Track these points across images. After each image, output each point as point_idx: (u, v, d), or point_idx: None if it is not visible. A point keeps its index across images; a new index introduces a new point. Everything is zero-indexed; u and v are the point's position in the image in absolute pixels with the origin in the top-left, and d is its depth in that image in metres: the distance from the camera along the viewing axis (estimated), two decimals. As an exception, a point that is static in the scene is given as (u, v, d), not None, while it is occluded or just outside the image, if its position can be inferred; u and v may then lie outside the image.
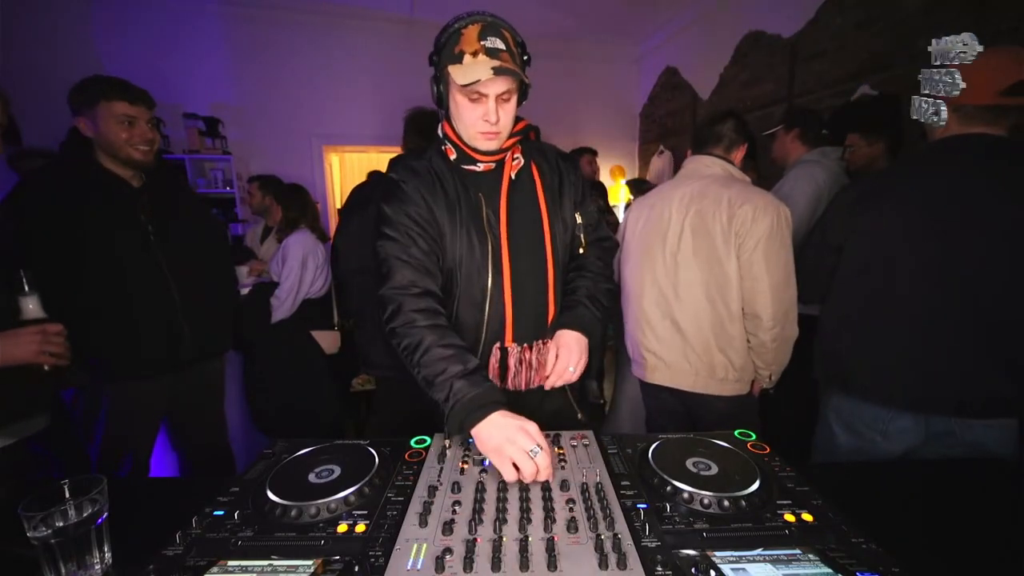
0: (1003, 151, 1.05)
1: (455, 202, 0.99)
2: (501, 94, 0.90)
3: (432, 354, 0.86)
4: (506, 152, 1.01)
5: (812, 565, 0.55)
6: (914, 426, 1.13)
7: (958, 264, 1.05)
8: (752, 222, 1.34)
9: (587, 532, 0.62)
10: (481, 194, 1.00)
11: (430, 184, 0.99)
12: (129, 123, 1.32)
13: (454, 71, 0.87)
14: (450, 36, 0.90)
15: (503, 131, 0.95)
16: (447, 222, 0.98)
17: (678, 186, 1.50)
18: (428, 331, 0.89)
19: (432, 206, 0.98)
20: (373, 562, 0.57)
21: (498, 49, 0.87)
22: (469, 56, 0.86)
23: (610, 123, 5.06)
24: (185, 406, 1.59)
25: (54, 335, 1.09)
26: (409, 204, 0.97)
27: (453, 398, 0.82)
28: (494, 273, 0.99)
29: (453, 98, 0.93)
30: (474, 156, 0.98)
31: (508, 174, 1.02)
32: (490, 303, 0.99)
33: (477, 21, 0.89)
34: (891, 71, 2.36)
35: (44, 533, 0.58)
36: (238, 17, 3.85)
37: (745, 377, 1.46)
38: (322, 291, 2.29)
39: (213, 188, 3.82)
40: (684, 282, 1.45)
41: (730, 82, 3.65)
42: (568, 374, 0.98)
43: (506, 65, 0.85)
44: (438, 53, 0.93)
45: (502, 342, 1.01)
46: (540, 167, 1.06)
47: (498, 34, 0.88)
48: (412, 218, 0.97)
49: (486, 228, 0.99)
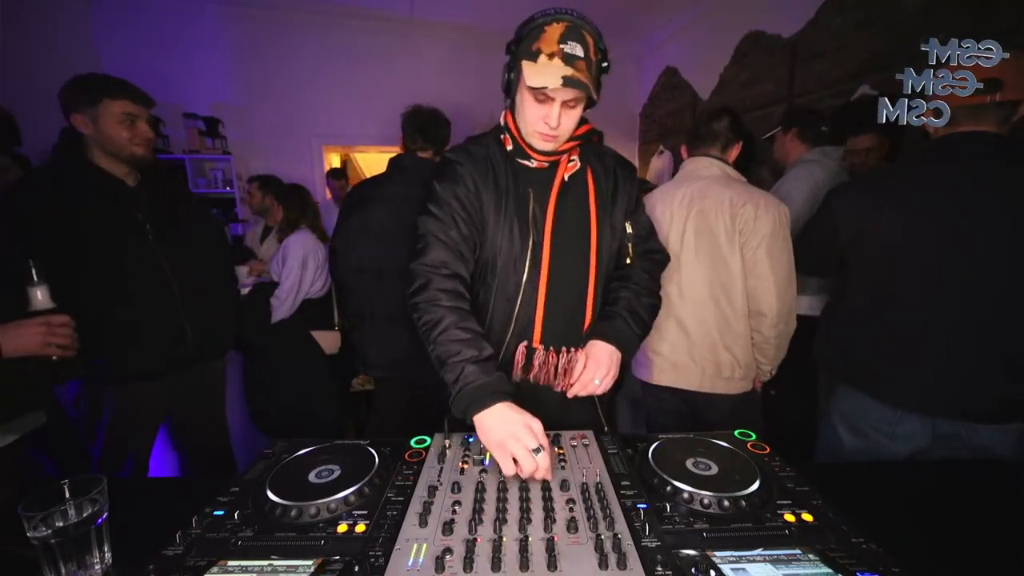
0: (1002, 149, 1.04)
1: (503, 192, 0.99)
2: (568, 100, 0.89)
3: (449, 334, 0.86)
4: (562, 154, 1.00)
5: (812, 565, 0.55)
6: (921, 429, 1.12)
7: (959, 264, 1.05)
8: (755, 220, 1.35)
9: (587, 532, 0.62)
10: (531, 189, 0.99)
11: (484, 170, 0.99)
12: (131, 121, 1.32)
13: (527, 68, 0.86)
14: (532, 30, 0.88)
15: (562, 135, 0.94)
16: (492, 211, 0.98)
17: (678, 187, 1.50)
18: (449, 311, 0.89)
19: (481, 192, 0.98)
20: (373, 562, 0.57)
21: (575, 56, 0.85)
22: (545, 57, 0.85)
23: (610, 123, 5.05)
24: (186, 406, 1.59)
25: (59, 326, 1.09)
26: (459, 185, 0.97)
27: (462, 381, 0.81)
28: (530, 269, 0.98)
29: (520, 91, 0.92)
30: (529, 152, 0.98)
31: (562, 174, 1.01)
32: (522, 299, 0.98)
33: (563, 20, 0.87)
34: (891, 71, 2.35)
35: (44, 533, 0.58)
36: (238, 17, 3.85)
37: (750, 375, 1.47)
38: (322, 291, 2.29)
39: (213, 188, 3.82)
40: (688, 282, 1.45)
41: (730, 82, 3.65)
42: (593, 386, 0.95)
43: (578, 76, 0.84)
44: (517, 43, 0.91)
45: (529, 341, 1.00)
46: (596, 172, 1.05)
47: (579, 39, 0.86)
48: (459, 200, 0.97)
49: (530, 224, 0.98)
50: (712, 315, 1.44)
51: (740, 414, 1.47)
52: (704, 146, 1.51)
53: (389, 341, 1.74)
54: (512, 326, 1.00)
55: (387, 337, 1.74)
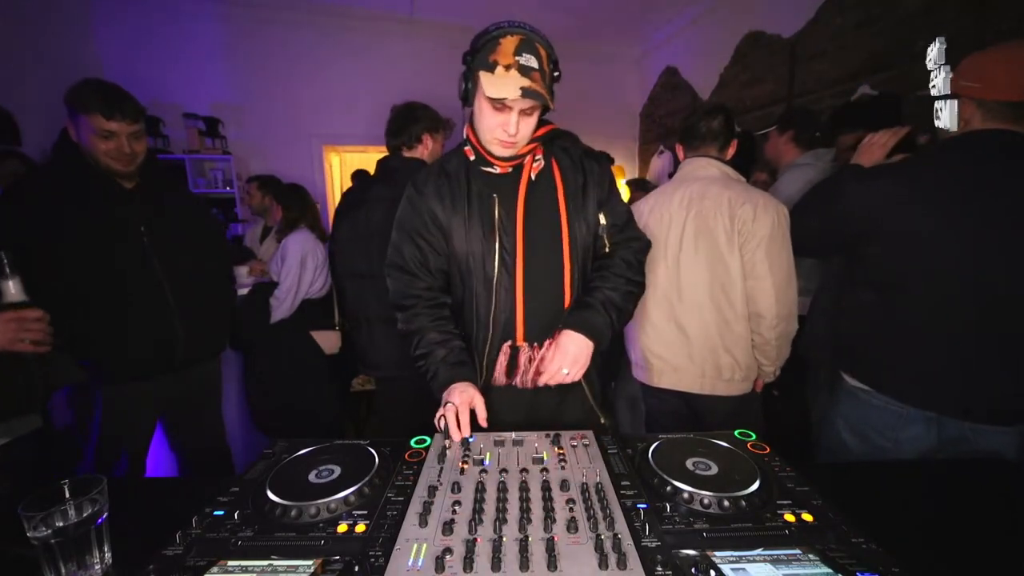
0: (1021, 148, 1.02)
1: (465, 202, 1.02)
2: (525, 109, 0.92)
3: (423, 347, 1.02)
4: (523, 158, 1.02)
5: (812, 565, 0.55)
6: (925, 432, 1.11)
7: (976, 262, 1.03)
8: (753, 221, 1.34)
9: (587, 532, 0.62)
10: (496, 195, 1.02)
11: (438, 187, 1.04)
12: (107, 137, 1.28)
13: (485, 79, 0.90)
14: (487, 42, 0.91)
15: (520, 141, 0.97)
16: (454, 221, 1.02)
17: (676, 188, 1.49)
18: (425, 327, 1.02)
19: (437, 210, 1.03)
20: (373, 562, 0.57)
21: (531, 68, 0.88)
22: (502, 68, 0.88)
23: (610, 123, 5.06)
24: (181, 407, 1.59)
25: (33, 320, 1.06)
26: (416, 212, 1.04)
27: (432, 381, 1.01)
28: (500, 272, 1.01)
29: (478, 101, 0.95)
30: (490, 159, 1.01)
31: (527, 175, 1.03)
32: (496, 302, 1.02)
33: (516, 33, 0.90)
34: (891, 71, 2.36)
35: (44, 533, 0.58)
36: (238, 17, 3.85)
37: (751, 375, 1.47)
38: (322, 291, 2.29)
39: (213, 188, 3.82)
40: (687, 284, 1.45)
41: (730, 82, 3.65)
42: (561, 375, 0.98)
43: (535, 87, 0.87)
44: (472, 54, 0.94)
45: (513, 340, 1.03)
46: (563, 167, 1.06)
47: (534, 51, 0.89)
48: (417, 226, 1.04)
49: (496, 227, 1.01)
50: (712, 317, 1.43)
51: (740, 415, 1.47)
52: (702, 146, 1.50)
53: (386, 342, 1.75)
54: (492, 329, 1.03)
55: (384, 339, 1.74)
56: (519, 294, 1.01)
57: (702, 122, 1.49)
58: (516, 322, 1.01)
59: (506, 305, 1.02)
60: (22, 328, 1.05)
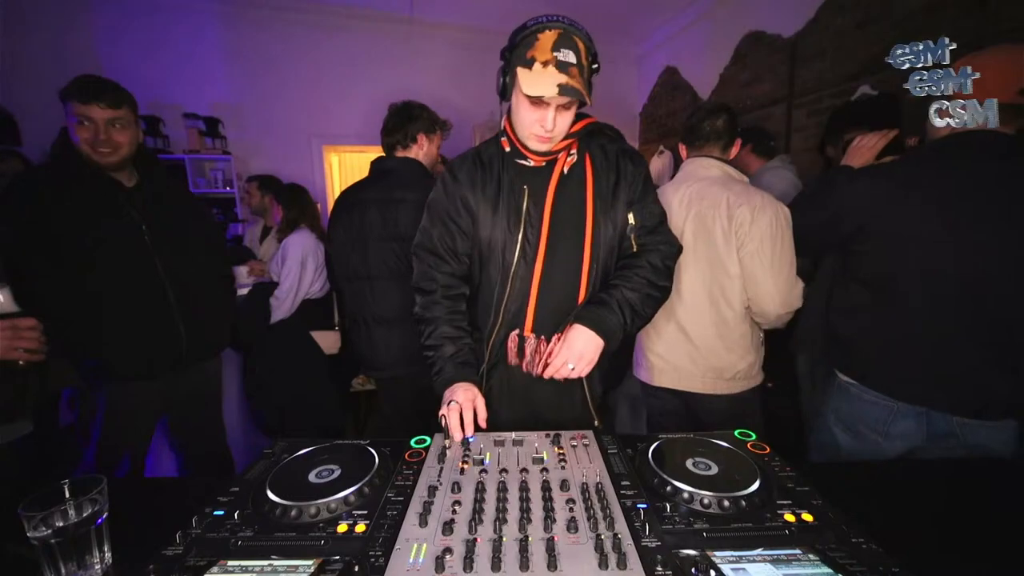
0: (1014, 150, 1.03)
1: (496, 189, 1.03)
2: (562, 104, 0.92)
3: (434, 339, 1.04)
4: (558, 153, 1.02)
5: (812, 565, 0.55)
6: (915, 427, 1.13)
7: (966, 262, 1.04)
8: (751, 223, 1.34)
9: (587, 532, 0.62)
10: (527, 186, 1.02)
11: (472, 173, 1.05)
12: (84, 123, 1.25)
13: (522, 75, 0.89)
14: (525, 37, 0.90)
15: (557, 137, 0.97)
16: (483, 209, 1.03)
17: (677, 188, 1.49)
18: (438, 318, 1.04)
19: (469, 196, 1.04)
20: (373, 562, 0.57)
21: (568, 63, 0.87)
22: (539, 65, 0.87)
23: (610, 123, 5.06)
24: (182, 406, 1.59)
25: (26, 329, 1.06)
26: (448, 198, 1.05)
27: (437, 375, 1.02)
28: (519, 262, 1.01)
29: (516, 96, 0.95)
30: (525, 152, 1.01)
31: (560, 169, 1.03)
32: (510, 291, 1.02)
33: (555, 28, 0.89)
34: (891, 71, 2.35)
35: (44, 533, 0.58)
36: (238, 17, 3.85)
37: (750, 375, 1.47)
38: (322, 291, 2.29)
39: (213, 188, 3.82)
40: (687, 284, 1.45)
41: (730, 82, 3.65)
42: (566, 370, 0.97)
43: (572, 83, 0.87)
44: (511, 50, 0.94)
45: (521, 330, 1.03)
46: (596, 164, 1.06)
47: (572, 45, 0.88)
48: (447, 212, 1.05)
49: (523, 219, 1.01)
50: (711, 317, 1.44)
51: (740, 415, 1.47)
52: (705, 146, 1.49)
53: (385, 344, 1.74)
54: (500, 316, 1.04)
55: (383, 340, 1.74)
56: (534, 286, 1.01)
57: (705, 122, 1.48)
58: (527, 313, 1.02)
59: (519, 295, 1.02)
60: (16, 337, 1.04)
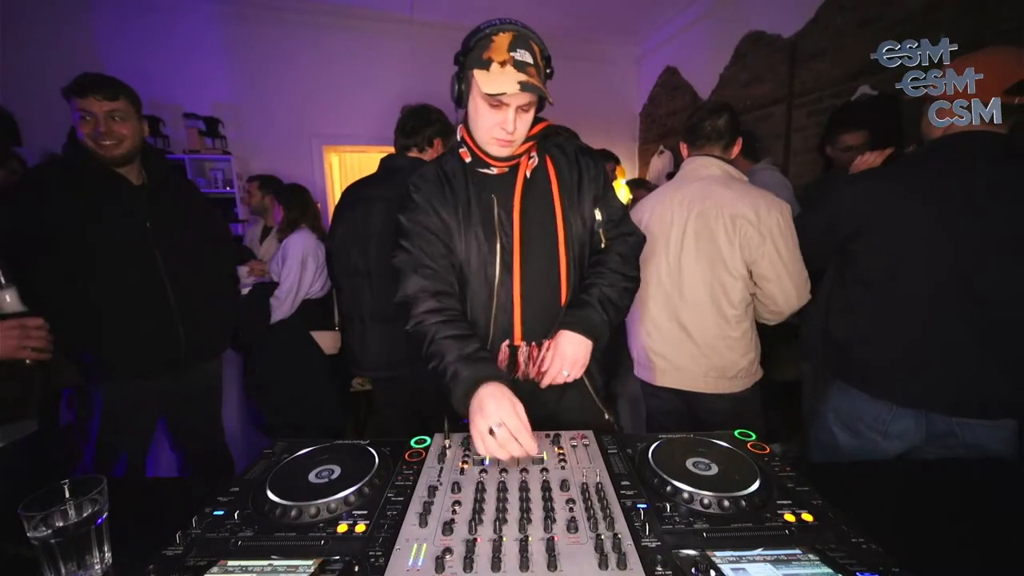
0: (1009, 149, 1.04)
1: (465, 203, 1.01)
2: (522, 105, 0.91)
3: (435, 345, 0.91)
4: (519, 157, 1.02)
5: (812, 565, 0.55)
6: (915, 426, 1.13)
7: (964, 261, 1.05)
8: (759, 223, 1.34)
9: (587, 532, 0.62)
10: (494, 195, 1.01)
11: (439, 189, 1.03)
12: (85, 117, 1.28)
13: (480, 77, 0.89)
14: (480, 40, 0.90)
15: (518, 139, 0.96)
16: (455, 223, 1.01)
17: (678, 188, 1.50)
18: (434, 325, 0.94)
19: (439, 210, 1.01)
20: (373, 562, 0.57)
21: (526, 63, 0.88)
22: (497, 65, 0.87)
23: (610, 123, 5.06)
24: (181, 406, 1.59)
25: (34, 329, 1.07)
26: (419, 212, 1.02)
27: (451, 381, 0.86)
28: (502, 272, 1.00)
29: (473, 101, 0.94)
30: (487, 160, 1.00)
31: (523, 174, 1.02)
32: (497, 301, 1.01)
33: (509, 30, 0.89)
34: (891, 71, 2.35)
35: (44, 533, 0.58)
36: (238, 17, 3.85)
37: (752, 371, 1.47)
38: (322, 291, 2.29)
39: (213, 188, 3.82)
40: (688, 284, 1.45)
41: (730, 82, 3.65)
42: (562, 376, 0.97)
43: (532, 81, 0.87)
44: (465, 54, 0.93)
45: (511, 340, 1.02)
46: (558, 164, 1.06)
47: (527, 47, 0.89)
48: (422, 225, 1.01)
49: (496, 228, 1.00)
50: (712, 316, 1.44)
51: (740, 414, 1.47)
52: (707, 145, 1.49)
53: (379, 342, 1.74)
54: (492, 328, 1.02)
55: (377, 339, 1.74)
56: (516, 293, 1.00)
57: (707, 121, 1.47)
58: (514, 321, 1.01)
59: (506, 305, 1.01)
60: (25, 336, 1.05)
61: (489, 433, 0.75)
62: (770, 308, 1.42)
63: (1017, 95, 1.00)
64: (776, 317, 1.45)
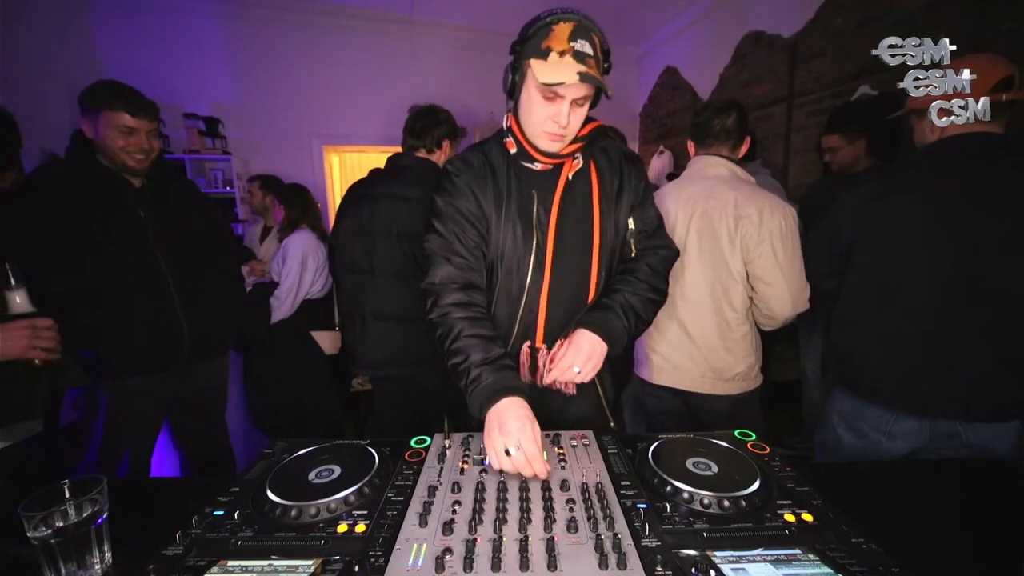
0: (1009, 150, 1.04)
1: (506, 196, 0.99)
2: (577, 99, 0.89)
3: (460, 342, 0.88)
4: (566, 157, 0.99)
5: (812, 565, 0.55)
6: (919, 427, 1.12)
7: (968, 264, 1.04)
8: (760, 225, 1.33)
9: (587, 532, 0.62)
10: (535, 191, 0.99)
11: (481, 177, 1.00)
12: (128, 133, 1.34)
13: (537, 66, 0.86)
14: (539, 29, 0.87)
15: (570, 135, 0.94)
16: (494, 215, 0.98)
17: (684, 186, 1.49)
18: (459, 321, 0.91)
19: (480, 199, 0.98)
20: (373, 562, 0.57)
21: (586, 54, 0.85)
22: (556, 55, 0.85)
23: (610, 123, 5.05)
24: (186, 405, 1.59)
25: (44, 329, 1.07)
26: (458, 197, 0.98)
27: (472, 384, 0.84)
28: (534, 271, 0.98)
29: (527, 91, 0.91)
30: (534, 155, 0.97)
31: (566, 175, 1.00)
32: (525, 301, 0.99)
33: (570, 20, 0.87)
34: (891, 71, 2.35)
35: (44, 533, 0.58)
36: (238, 17, 3.85)
37: (750, 375, 1.47)
38: (323, 291, 2.29)
39: (213, 188, 3.82)
40: (690, 283, 1.45)
41: (730, 82, 3.64)
42: (571, 373, 0.93)
43: (591, 72, 0.84)
44: (522, 43, 0.90)
45: (533, 341, 1.00)
46: (600, 169, 1.04)
47: (588, 38, 0.86)
48: (460, 211, 0.98)
49: (534, 226, 0.98)
50: (712, 317, 1.43)
51: (739, 415, 1.47)
52: (714, 144, 1.48)
53: (379, 340, 1.73)
54: (516, 327, 1.00)
55: (377, 336, 1.73)
56: (545, 293, 0.98)
57: (715, 120, 1.46)
58: (538, 323, 0.99)
59: (533, 305, 0.99)
60: (35, 336, 1.06)
61: (505, 453, 0.74)
62: (764, 312, 1.41)
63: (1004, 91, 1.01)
64: (771, 322, 1.43)
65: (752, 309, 1.45)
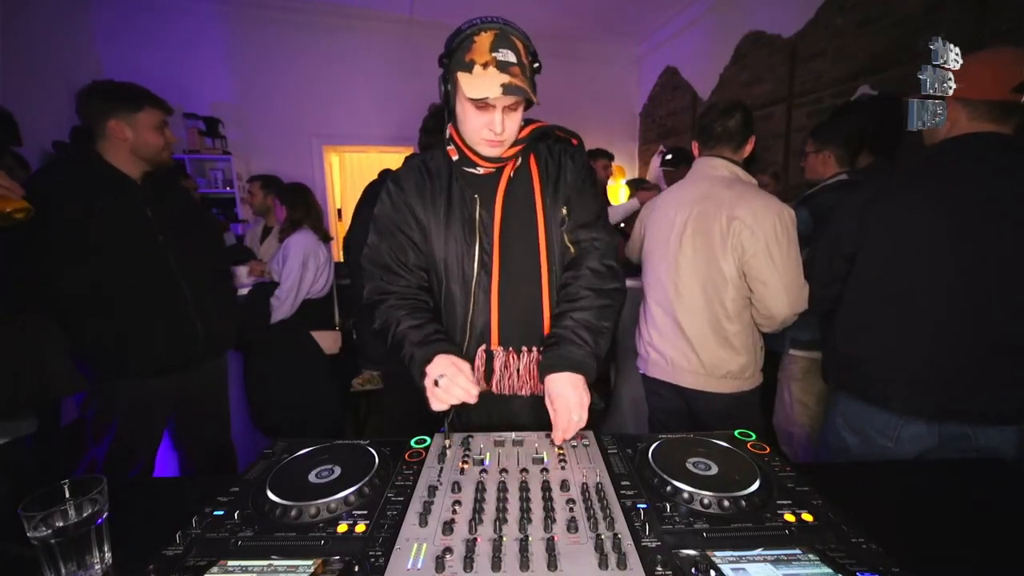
0: (1015, 151, 1.03)
1: (447, 201, 0.99)
2: (508, 105, 0.89)
3: (398, 336, 0.95)
4: (507, 160, 0.99)
5: (812, 565, 0.55)
6: (927, 431, 1.10)
7: (975, 265, 1.02)
8: (753, 226, 1.34)
9: (587, 532, 0.62)
10: (477, 195, 0.99)
11: (419, 183, 1.01)
12: (164, 131, 1.41)
13: (463, 80, 0.86)
14: (462, 41, 0.88)
15: (507, 139, 0.94)
16: (433, 221, 0.99)
17: (686, 187, 1.52)
18: (402, 313, 0.96)
19: (417, 206, 1.00)
20: (373, 562, 0.57)
21: (509, 62, 0.85)
22: (479, 67, 0.84)
23: (610, 123, 5.06)
24: (192, 403, 1.60)
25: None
26: (393, 209, 1.01)
27: (410, 363, 0.93)
28: (480, 274, 0.98)
29: (460, 102, 0.91)
30: (475, 160, 0.97)
31: (507, 174, 1.00)
32: (474, 304, 0.99)
33: (490, 29, 0.86)
34: (891, 71, 2.36)
35: (44, 533, 0.58)
36: (238, 17, 3.85)
37: (745, 374, 1.47)
38: (323, 291, 2.29)
39: (213, 188, 3.82)
40: (685, 281, 1.46)
41: (730, 82, 3.65)
42: (575, 424, 0.86)
43: (515, 82, 0.84)
44: (448, 56, 0.91)
45: (488, 344, 0.99)
46: (541, 164, 1.03)
47: (510, 45, 0.86)
48: (394, 223, 1.00)
49: (477, 228, 0.98)
50: (705, 315, 1.45)
51: (738, 414, 1.47)
52: (717, 145, 1.49)
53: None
54: (468, 332, 1.00)
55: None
56: (494, 295, 0.98)
57: (717, 122, 1.47)
58: (491, 325, 0.98)
59: (483, 307, 0.98)
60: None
61: (435, 385, 0.84)
62: (762, 313, 1.41)
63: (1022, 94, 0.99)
64: (768, 323, 1.43)
65: (751, 310, 1.45)
